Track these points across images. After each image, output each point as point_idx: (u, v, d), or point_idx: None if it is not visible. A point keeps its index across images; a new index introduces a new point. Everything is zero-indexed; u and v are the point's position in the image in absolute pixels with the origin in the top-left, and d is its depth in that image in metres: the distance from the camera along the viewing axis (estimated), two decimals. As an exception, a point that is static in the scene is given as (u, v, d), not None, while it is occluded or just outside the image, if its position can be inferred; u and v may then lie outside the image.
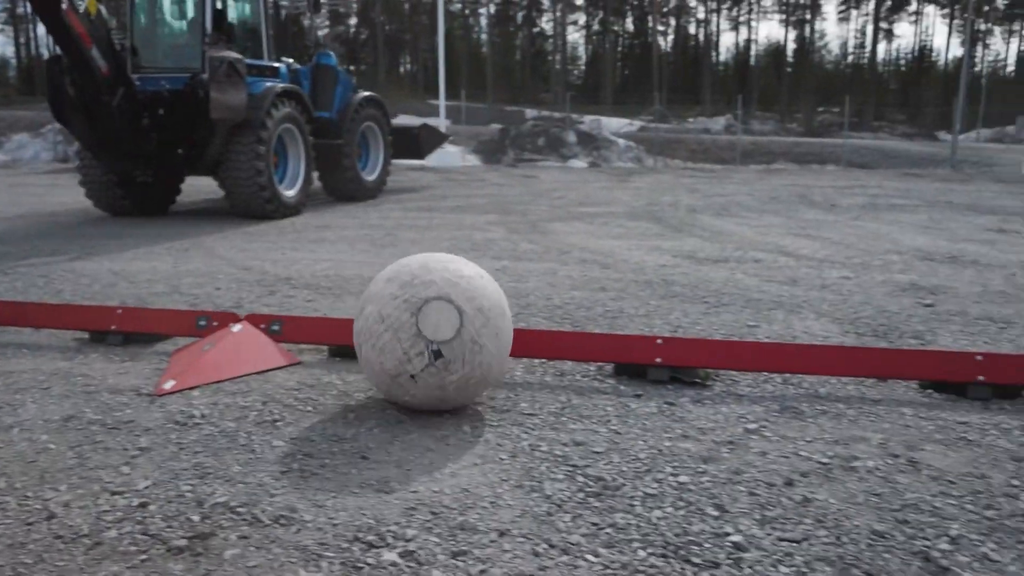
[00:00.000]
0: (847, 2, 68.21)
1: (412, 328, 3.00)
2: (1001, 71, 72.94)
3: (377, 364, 3.09)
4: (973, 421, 3.21)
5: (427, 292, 3.05)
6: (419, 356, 3.00)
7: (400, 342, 3.01)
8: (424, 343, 3.00)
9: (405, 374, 3.03)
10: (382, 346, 3.04)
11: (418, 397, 3.11)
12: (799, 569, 2.09)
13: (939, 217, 10.99)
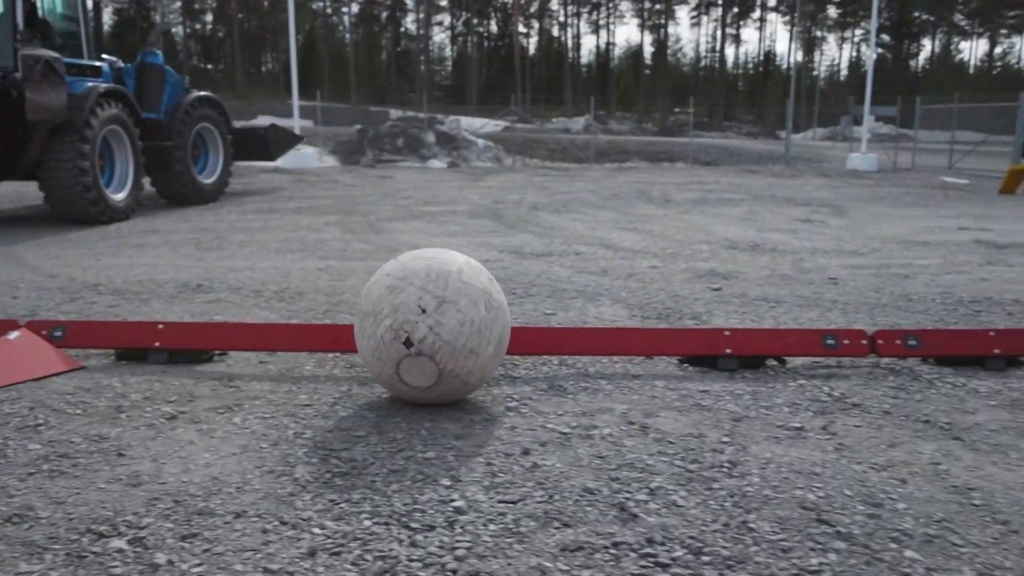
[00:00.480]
0: (698, 8, 71.66)
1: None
2: (836, 74, 78.72)
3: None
4: (713, 389, 3.57)
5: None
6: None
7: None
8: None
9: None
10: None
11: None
12: (507, 526, 2.31)
13: (758, 209, 11.86)
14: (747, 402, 3.40)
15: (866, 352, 3.91)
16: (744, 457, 2.81)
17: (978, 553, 2.19)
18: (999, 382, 3.72)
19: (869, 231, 9.50)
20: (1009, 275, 6.64)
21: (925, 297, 5.69)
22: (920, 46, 71.69)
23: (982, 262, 7.29)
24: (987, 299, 5.65)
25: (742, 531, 2.28)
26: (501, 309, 3.24)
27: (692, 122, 36.78)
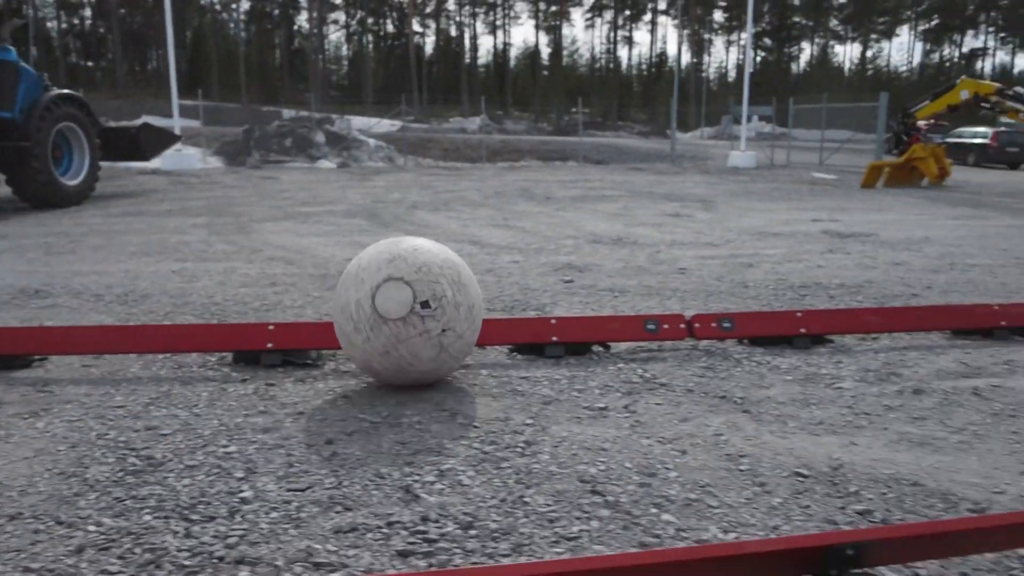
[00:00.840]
0: (592, 10, 73.06)
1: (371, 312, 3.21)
2: (724, 76, 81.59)
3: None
4: (534, 375, 3.70)
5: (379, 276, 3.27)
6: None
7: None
8: (376, 316, 3.20)
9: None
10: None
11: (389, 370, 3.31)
12: (288, 513, 2.35)
13: (633, 205, 12.23)
14: (562, 386, 3.54)
15: (684, 335, 4.13)
16: (541, 437, 2.94)
17: (728, 513, 2.38)
18: (801, 359, 4.00)
19: (731, 224, 9.96)
20: (843, 262, 7.11)
21: (761, 284, 6.03)
22: (800, 49, 75.31)
23: (823, 251, 7.77)
24: (816, 284, 6.04)
25: (516, 505, 2.40)
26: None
27: (583, 122, 37.47)
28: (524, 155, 31.40)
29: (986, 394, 3.49)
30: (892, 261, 7.18)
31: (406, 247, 3.37)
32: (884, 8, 66.41)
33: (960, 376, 3.77)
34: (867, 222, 10.29)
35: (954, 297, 5.65)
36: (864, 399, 3.42)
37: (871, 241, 8.48)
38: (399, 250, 3.33)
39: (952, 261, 7.22)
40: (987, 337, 4.44)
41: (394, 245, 3.40)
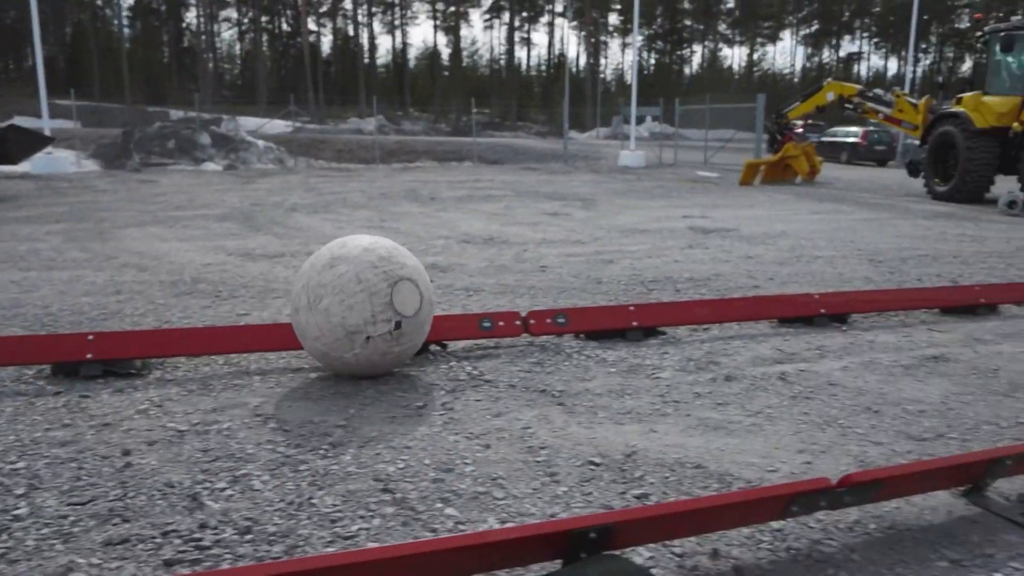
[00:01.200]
0: (490, 11, 73.38)
1: (386, 297, 3.42)
2: (621, 77, 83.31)
3: (338, 317, 3.37)
4: (361, 378, 3.69)
5: (402, 272, 3.52)
6: (384, 322, 3.41)
7: (372, 305, 3.38)
8: (392, 313, 3.42)
9: (363, 334, 3.39)
10: (352, 304, 3.37)
11: (359, 358, 3.46)
12: (60, 528, 2.27)
13: (515, 205, 12.37)
14: (386, 388, 3.55)
15: (520, 332, 4.22)
16: (350, 439, 2.94)
17: (512, 504, 2.44)
18: (630, 351, 4.14)
19: (604, 222, 10.21)
20: (700, 257, 7.40)
21: (615, 279, 6.21)
22: (692, 52, 77.77)
23: (684, 246, 8.07)
24: (667, 278, 6.26)
25: (302, 508, 2.40)
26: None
27: (483, 123, 37.77)
28: (420, 156, 31.27)
29: (791, 378, 3.71)
30: (745, 255, 7.52)
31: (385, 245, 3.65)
32: (768, 13, 69.35)
33: (773, 362, 3.99)
34: (735, 218, 10.75)
35: (792, 287, 5.97)
36: (677, 388, 3.57)
37: (731, 236, 8.85)
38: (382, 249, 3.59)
39: (800, 253, 7.62)
40: (808, 324, 4.72)
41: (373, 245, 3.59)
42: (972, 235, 9.27)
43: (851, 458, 2.80)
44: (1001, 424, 3.16)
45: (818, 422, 3.15)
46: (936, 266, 7.04)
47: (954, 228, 9.89)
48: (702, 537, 2.23)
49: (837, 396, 3.47)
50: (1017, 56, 13.15)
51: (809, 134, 31.83)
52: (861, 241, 8.54)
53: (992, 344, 4.39)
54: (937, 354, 4.14)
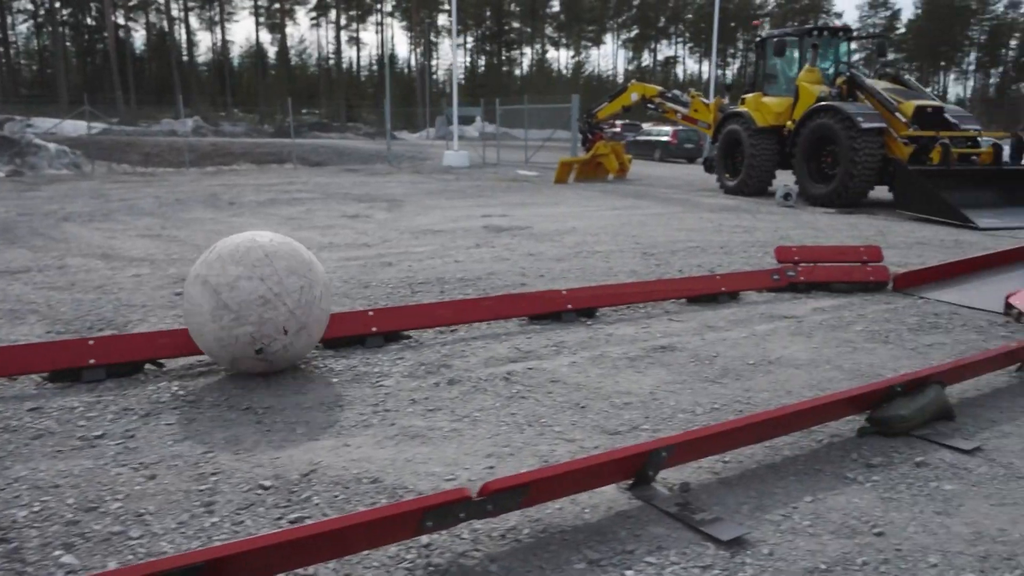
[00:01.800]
0: (317, 9, 71.43)
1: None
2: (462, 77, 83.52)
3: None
4: (49, 405, 3.30)
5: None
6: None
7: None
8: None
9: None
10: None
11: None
12: None
13: (317, 208, 11.95)
14: (73, 415, 3.19)
15: (247, 345, 3.94)
16: (-10, 480, 2.58)
17: (146, 542, 2.20)
18: (363, 359, 3.98)
19: (403, 224, 10.03)
20: (481, 256, 7.38)
21: (385, 283, 6.04)
22: (522, 54, 79.32)
23: (471, 246, 8.04)
24: (439, 279, 6.17)
25: None
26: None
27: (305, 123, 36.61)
28: (238, 159, 29.90)
29: (515, 378, 3.68)
30: (528, 252, 7.59)
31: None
32: (591, 17, 71.95)
33: (506, 361, 3.95)
34: (535, 216, 10.90)
35: (559, 283, 6.04)
36: (396, 395, 3.44)
37: (523, 234, 8.94)
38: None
39: (581, 250, 7.78)
40: (557, 320, 4.75)
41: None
42: (746, 226, 9.88)
43: (536, 459, 2.77)
44: (697, 411, 3.25)
45: (521, 422, 3.12)
46: (702, 257, 7.39)
47: (732, 220, 10.51)
48: (342, 561, 2.08)
49: (552, 393, 3.46)
50: (788, 60, 14.24)
51: (627, 133, 33.34)
52: (644, 235, 8.87)
53: (721, 331, 4.59)
54: (666, 344, 4.27)
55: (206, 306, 3.41)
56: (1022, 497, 2.48)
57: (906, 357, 4.09)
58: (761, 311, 5.11)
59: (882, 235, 9.18)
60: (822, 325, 4.74)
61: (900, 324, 4.78)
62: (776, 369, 3.85)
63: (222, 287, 3.39)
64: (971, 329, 4.68)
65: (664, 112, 17.66)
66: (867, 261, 5.77)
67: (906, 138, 11.56)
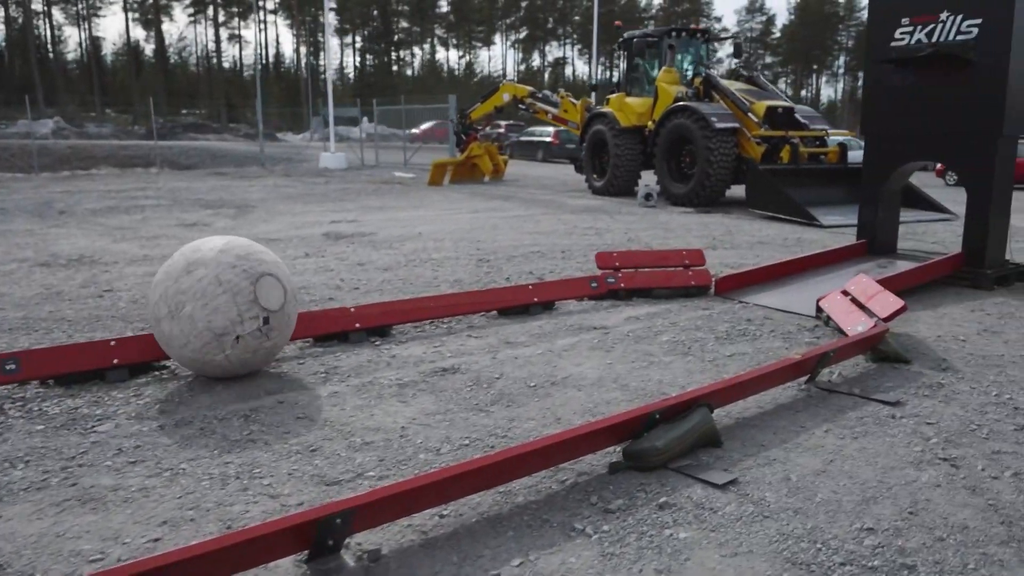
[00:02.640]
0: (194, 5, 68.43)
1: (250, 295, 3.44)
2: (345, 77, 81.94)
3: (204, 322, 3.34)
4: None
5: (261, 268, 3.54)
6: (252, 319, 3.44)
7: (237, 305, 3.39)
8: (258, 309, 3.45)
9: (232, 334, 3.39)
10: (216, 306, 3.35)
11: (231, 359, 3.45)
12: None
13: (155, 216, 11.09)
14: None
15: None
16: None
17: None
18: (93, 399, 3.43)
19: (242, 232, 9.34)
20: (306, 267, 6.86)
21: (178, 301, 5.45)
22: (413, 54, 78.41)
23: (299, 256, 7.50)
24: (242, 296, 5.62)
25: None
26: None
27: (182, 124, 34.77)
28: (99, 162, 28.08)
29: (257, 416, 3.22)
30: (357, 262, 7.12)
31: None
32: (480, 18, 71.79)
33: (260, 395, 3.48)
34: (387, 220, 10.43)
35: (373, 296, 5.61)
36: (105, 444, 2.93)
37: (362, 241, 8.46)
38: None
39: (416, 257, 7.37)
40: (344, 341, 4.32)
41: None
42: (600, 228, 9.71)
43: (220, 524, 2.32)
44: (442, 450, 2.88)
45: (230, 474, 2.66)
46: (539, 263, 7.11)
47: (588, 222, 10.34)
48: None
49: (290, 434, 3.02)
50: (649, 61, 14.28)
51: (511, 134, 33.20)
52: (489, 240, 8.55)
53: (519, 347, 4.26)
54: (451, 365, 3.90)
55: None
56: (758, 543, 2.21)
57: (701, 371, 3.86)
58: (572, 323, 4.83)
59: (730, 234, 9.18)
60: (628, 337, 4.48)
61: (709, 333, 4.58)
62: (556, 391, 3.53)
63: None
64: (779, 336, 4.53)
65: (535, 112, 17.48)
66: (689, 265, 5.59)
67: (759, 138, 11.71)
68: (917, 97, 6.23)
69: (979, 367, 3.91)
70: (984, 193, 5.92)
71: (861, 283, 4.57)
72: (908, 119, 6.30)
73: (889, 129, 6.49)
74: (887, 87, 6.44)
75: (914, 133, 6.31)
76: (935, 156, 6.26)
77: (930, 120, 6.16)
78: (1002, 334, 4.59)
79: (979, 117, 5.84)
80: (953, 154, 6.13)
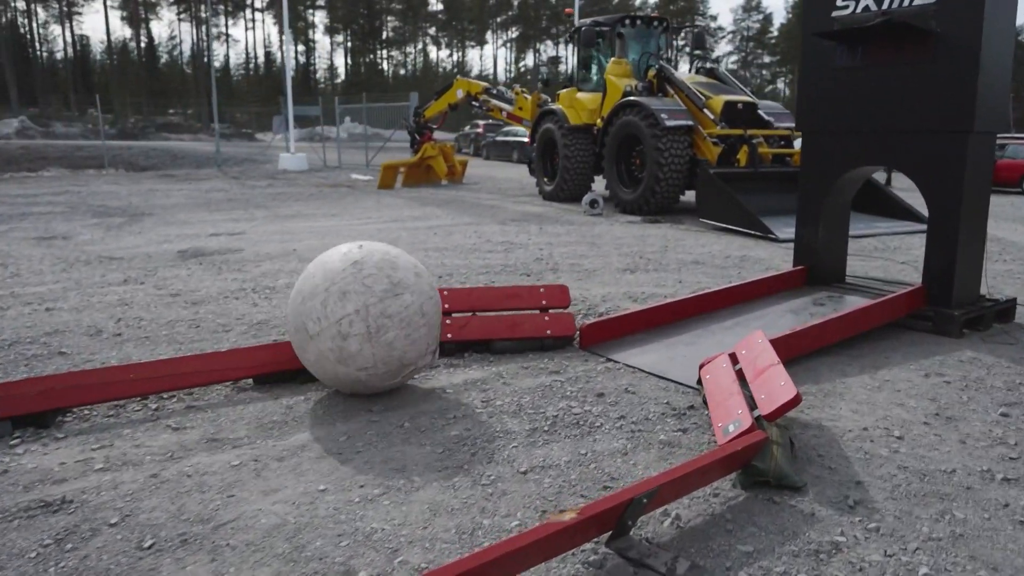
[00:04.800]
0: (180, 3, 67.20)
1: (438, 328, 3.40)
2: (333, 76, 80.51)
3: (400, 351, 3.17)
4: None
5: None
6: (432, 354, 3.40)
7: (430, 338, 3.31)
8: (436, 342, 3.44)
9: (413, 366, 3.28)
10: (416, 338, 3.20)
11: (392, 384, 3.34)
12: None
13: (24, 225, 9.70)
14: None
15: None
16: None
17: None
18: None
19: (97, 248, 7.96)
20: (107, 299, 5.43)
21: None
22: (405, 52, 76.98)
23: (119, 281, 6.07)
24: None
25: None
26: None
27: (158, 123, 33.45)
28: (52, 163, 26.78)
29: None
30: (174, 292, 5.68)
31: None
32: (471, 17, 70.35)
33: None
34: (278, 232, 9.01)
35: (129, 350, 4.17)
36: None
37: (216, 261, 7.03)
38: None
39: (256, 285, 5.94)
40: (-25, 437, 2.88)
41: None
42: (517, 242, 8.27)
43: None
44: None
45: None
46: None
47: (510, 235, 8.89)
48: None
49: None
50: (605, 53, 12.81)
51: (489, 134, 31.65)
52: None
53: (215, 452, 2.82)
54: (60, 497, 2.46)
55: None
56: None
57: (450, 514, 2.41)
58: (333, 404, 3.36)
59: (664, 251, 7.73)
60: (401, 430, 3.03)
61: (529, 420, 3.12)
62: (172, 567, 2.09)
63: None
64: (628, 429, 3.06)
65: (488, 110, 16.03)
66: (547, 307, 4.13)
67: (716, 137, 10.24)
68: (865, 82, 4.76)
69: (911, 502, 2.45)
70: (951, 208, 4.45)
71: (753, 347, 3.12)
72: (855, 111, 4.84)
73: (831, 124, 5.02)
74: (828, 70, 4.97)
75: (862, 129, 4.84)
76: (889, 159, 4.80)
77: (882, 112, 4.69)
78: (960, 424, 3.13)
79: (943, 107, 4.38)
80: (910, 156, 4.65)
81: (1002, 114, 4.46)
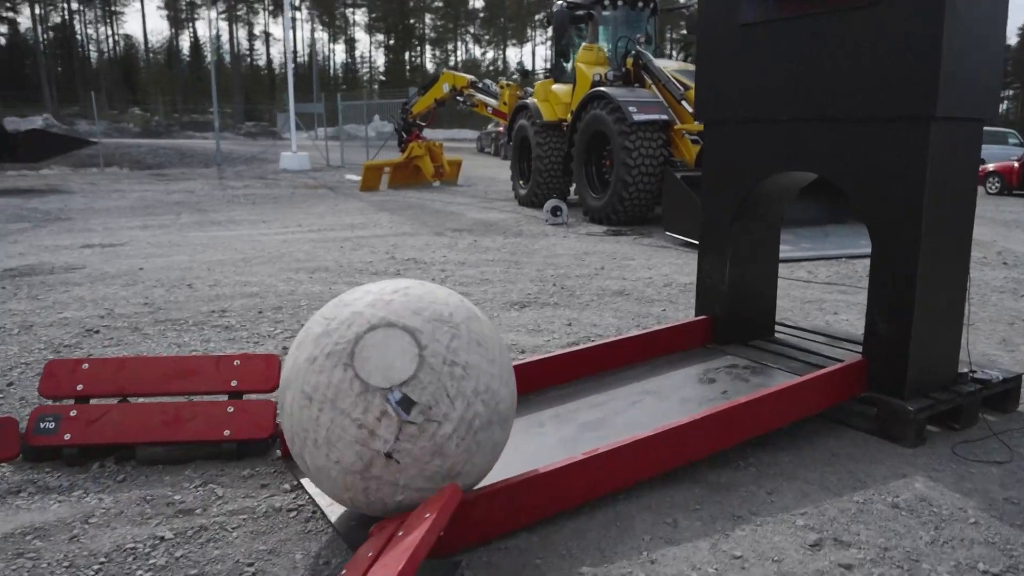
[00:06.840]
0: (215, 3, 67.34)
1: (354, 383, 1.86)
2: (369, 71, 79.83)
3: (333, 466, 1.90)
4: None
5: (353, 329, 1.94)
6: (384, 418, 1.83)
7: (347, 414, 1.84)
8: (380, 396, 1.83)
9: (378, 456, 1.84)
10: (327, 436, 1.87)
11: (410, 482, 1.88)
12: None
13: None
14: None
15: None
16: None
17: None
18: None
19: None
20: None
21: None
22: (448, 51, 75.87)
23: None
24: None
25: None
26: None
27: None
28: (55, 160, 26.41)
29: None
30: None
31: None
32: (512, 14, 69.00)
33: None
34: (168, 244, 7.72)
35: None
36: None
37: (35, 283, 5.74)
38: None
39: (24, 321, 4.60)
40: None
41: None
42: (428, 260, 6.80)
43: None
44: None
45: None
46: (181, 335, 4.24)
47: (433, 250, 7.42)
48: None
49: None
50: (582, 39, 11.22)
51: (492, 130, 30.03)
52: (235, 280, 5.73)
53: None
54: None
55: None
56: None
57: None
58: None
59: (597, 274, 6.17)
60: None
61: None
62: None
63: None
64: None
65: (472, 106, 14.55)
66: (241, 391, 2.65)
67: (695, 135, 8.60)
68: (782, 45, 3.16)
69: None
70: (905, 239, 2.83)
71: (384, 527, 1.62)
72: (767, 91, 3.23)
73: (737, 111, 3.41)
74: (733, 29, 3.37)
75: (778, 116, 3.22)
76: (818, 163, 3.11)
77: (805, 90, 3.07)
78: None
79: (892, 80, 2.77)
80: (841, 158, 3.02)
81: (987, 95, 2.82)
